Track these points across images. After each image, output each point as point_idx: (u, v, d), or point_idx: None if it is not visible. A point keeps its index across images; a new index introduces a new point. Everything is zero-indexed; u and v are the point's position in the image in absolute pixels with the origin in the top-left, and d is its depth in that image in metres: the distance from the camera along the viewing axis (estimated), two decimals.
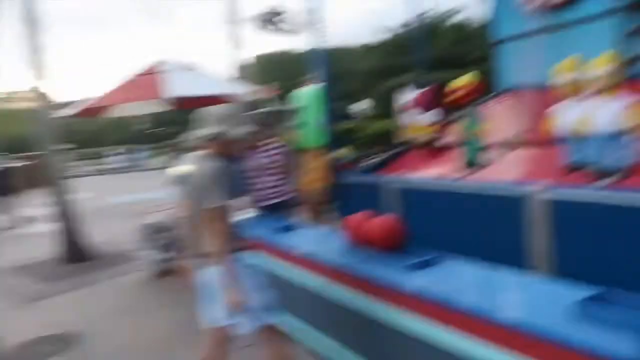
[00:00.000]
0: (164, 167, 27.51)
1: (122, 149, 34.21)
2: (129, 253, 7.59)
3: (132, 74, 7.29)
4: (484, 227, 4.43)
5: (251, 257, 3.42)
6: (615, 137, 3.68)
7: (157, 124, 63.95)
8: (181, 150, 8.07)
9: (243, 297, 3.19)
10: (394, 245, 3.63)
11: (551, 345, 2.25)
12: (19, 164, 24.51)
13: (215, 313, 3.31)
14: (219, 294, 3.21)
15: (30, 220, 13.83)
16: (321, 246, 4.27)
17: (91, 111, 8.26)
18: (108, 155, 37.42)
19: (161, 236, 6.94)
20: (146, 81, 6.90)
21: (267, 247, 4.58)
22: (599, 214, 3.65)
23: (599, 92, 3.73)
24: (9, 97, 55.93)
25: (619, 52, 5.76)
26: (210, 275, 3.25)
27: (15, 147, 54.68)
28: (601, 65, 3.70)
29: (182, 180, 6.51)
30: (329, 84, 6.54)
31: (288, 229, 4.84)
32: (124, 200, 15.75)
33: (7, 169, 17.77)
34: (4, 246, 10.58)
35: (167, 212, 7.39)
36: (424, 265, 3.37)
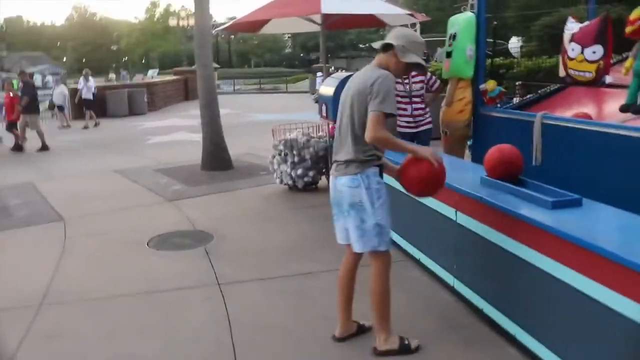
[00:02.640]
0: (306, 91, 28.15)
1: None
2: (267, 166, 7.97)
3: None
4: (632, 174, 4.07)
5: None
6: None
7: (305, 50, 65.30)
8: (324, 73, 8.21)
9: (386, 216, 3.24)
10: (508, 175, 3.61)
11: None
12: (172, 77, 26.45)
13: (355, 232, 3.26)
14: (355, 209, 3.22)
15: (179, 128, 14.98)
16: (458, 177, 4.16)
17: (244, 26, 8.54)
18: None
19: (295, 152, 7.18)
20: None
21: None
22: None
23: None
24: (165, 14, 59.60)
25: None
26: (345, 187, 3.23)
27: (167, 62, 58.84)
28: None
29: (323, 100, 6.64)
30: (484, 13, 6.19)
31: None
32: (269, 119, 16.47)
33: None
34: (153, 150, 11.60)
35: (303, 130, 7.60)
36: (566, 204, 3.18)
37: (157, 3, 62.66)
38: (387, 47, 3.22)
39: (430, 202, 4.15)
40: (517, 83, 8.66)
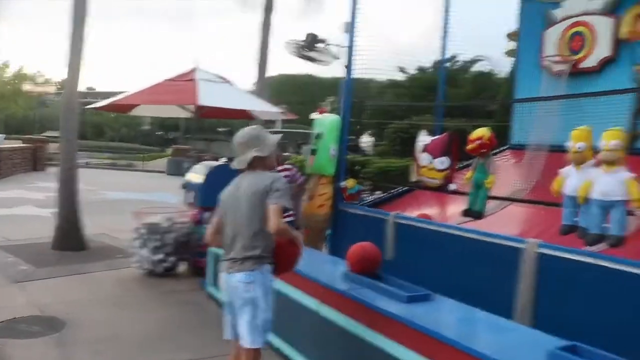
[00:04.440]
0: (163, 171, 27.51)
1: None
2: (124, 249, 7.76)
3: (166, 77, 7.54)
4: (473, 272, 4.65)
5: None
6: (609, 207, 3.88)
7: (163, 128, 64.65)
8: (194, 158, 8.36)
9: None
10: (369, 270, 3.99)
11: None
12: (20, 145, 24.87)
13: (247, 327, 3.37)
14: (251, 305, 3.34)
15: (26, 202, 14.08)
16: (321, 270, 4.48)
17: (118, 107, 8.53)
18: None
19: (157, 237, 7.13)
20: (180, 86, 7.13)
21: None
22: (584, 275, 3.92)
23: (603, 162, 3.93)
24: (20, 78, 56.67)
25: (627, 127, 6.09)
26: (241, 282, 3.35)
27: (13, 127, 55.34)
28: (609, 138, 3.90)
29: (191, 187, 6.76)
30: (349, 116, 6.82)
31: None
32: (124, 197, 16.04)
33: None
34: None
35: (167, 214, 7.58)
36: (418, 299, 3.57)
37: (8, 64, 59.12)
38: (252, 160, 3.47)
39: (294, 293, 4.39)
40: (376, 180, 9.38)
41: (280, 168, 7.09)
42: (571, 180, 4.20)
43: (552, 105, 6.65)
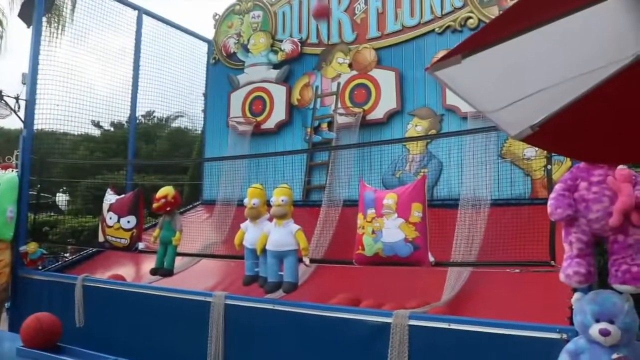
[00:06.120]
0: None
1: None
2: None
3: None
4: (166, 330, 4.67)
5: None
6: (282, 257, 4.32)
7: None
8: None
9: None
10: (46, 343, 3.70)
11: None
12: None
13: None
14: None
15: None
16: None
17: None
18: None
19: None
20: None
21: None
22: (266, 320, 4.25)
23: (274, 217, 4.37)
24: None
25: (302, 181, 6.89)
26: None
27: None
28: (278, 195, 4.36)
29: None
30: (29, 172, 6.32)
31: None
32: None
33: None
34: None
35: None
36: None
37: None
38: None
39: None
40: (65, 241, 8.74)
41: None
42: (249, 233, 4.55)
43: (237, 163, 7.15)
